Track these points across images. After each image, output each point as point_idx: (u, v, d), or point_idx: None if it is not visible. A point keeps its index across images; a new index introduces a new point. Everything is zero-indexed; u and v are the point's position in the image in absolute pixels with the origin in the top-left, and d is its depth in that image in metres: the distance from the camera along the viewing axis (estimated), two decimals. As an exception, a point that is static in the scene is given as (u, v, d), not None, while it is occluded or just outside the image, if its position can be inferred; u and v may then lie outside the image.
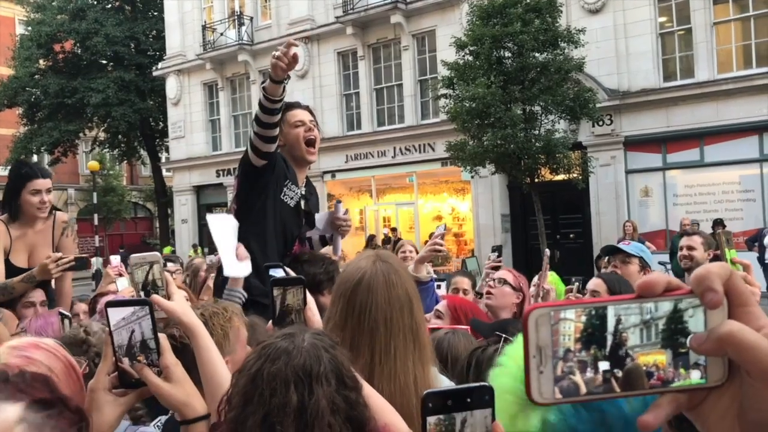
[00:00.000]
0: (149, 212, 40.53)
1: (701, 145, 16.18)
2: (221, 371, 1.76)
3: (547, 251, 3.76)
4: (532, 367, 0.65)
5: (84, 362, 1.83)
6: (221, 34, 24.05)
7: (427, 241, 13.65)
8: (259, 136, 3.29)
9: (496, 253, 4.32)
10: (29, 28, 29.03)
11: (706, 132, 15.89)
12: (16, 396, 0.87)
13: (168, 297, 1.79)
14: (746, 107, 15.25)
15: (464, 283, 4.48)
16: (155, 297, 1.74)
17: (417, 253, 5.50)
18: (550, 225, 16.49)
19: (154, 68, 27.94)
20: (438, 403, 0.73)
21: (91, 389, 1.48)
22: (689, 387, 0.65)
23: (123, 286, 4.41)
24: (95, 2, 29.29)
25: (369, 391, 1.50)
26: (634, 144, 16.89)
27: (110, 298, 4.22)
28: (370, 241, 18.85)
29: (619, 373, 0.65)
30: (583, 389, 0.65)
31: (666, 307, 0.65)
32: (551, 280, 3.92)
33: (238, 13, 23.89)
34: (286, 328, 1.53)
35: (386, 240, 18.54)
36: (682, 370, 0.65)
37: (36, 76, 28.83)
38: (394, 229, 20.04)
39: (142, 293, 1.79)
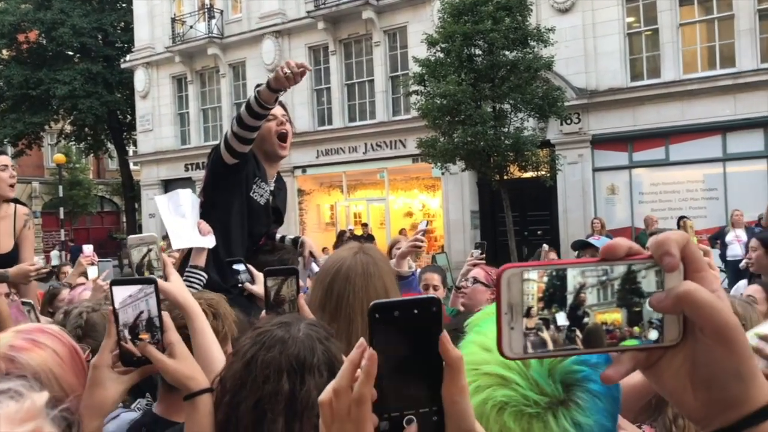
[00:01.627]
0: (116, 206, 39.95)
1: (666, 144, 16.47)
2: (216, 354, 1.76)
3: (545, 246, 3.82)
4: (503, 323, 0.70)
5: (88, 348, 1.84)
6: (191, 27, 23.79)
7: (393, 237, 13.56)
8: (237, 137, 3.27)
9: (479, 250, 4.34)
10: (-8, 17, 28.43)
11: (672, 131, 16.19)
12: None
13: (165, 278, 1.80)
14: (710, 107, 15.57)
15: (434, 279, 4.52)
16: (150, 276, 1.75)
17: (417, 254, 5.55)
18: (518, 221, 16.66)
19: (122, 60, 27.52)
20: (385, 313, 0.74)
21: (94, 366, 1.49)
22: (647, 346, 0.71)
23: (93, 275, 4.40)
24: (61, -8, 28.76)
25: None
26: (601, 142, 17.13)
27: (78, 290, 4.20)
28: (341, 236, 18.82)
29: (580, 331, 0.70)
30: (550, 345, 0.70)
31: (621, 269, 0.71)
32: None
33: (209, 6, 23.67)
34: (282, 317, 1.54)
35: (355, 237, 18.52)
36: (636, 328, 0.71)
37: (-1, 67, 28.26)
38: (365, 225, 20.04)
39: (137, 274, 1.79)
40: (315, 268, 3.72)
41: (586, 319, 0.70)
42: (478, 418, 0.88)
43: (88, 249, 4.92)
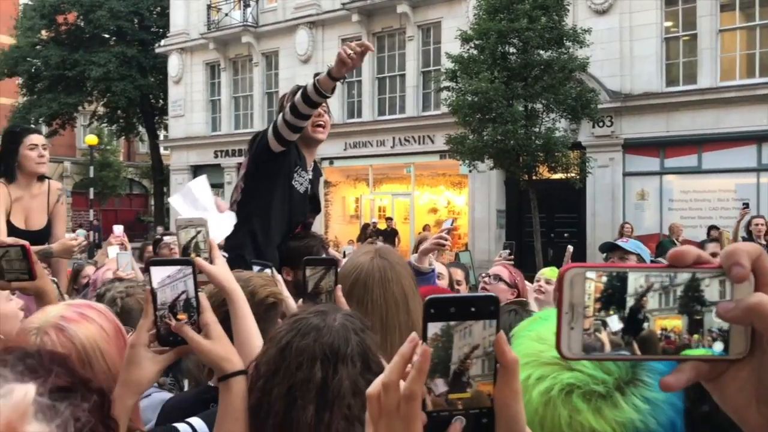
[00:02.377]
0: (145, 189, 40.43)
1: (699, 152, 16.23)
2: (255, 340, 1.76)
3: (570, 247, 3.79)
4: (563, 323, 0.69)
5: (131, 330, 1.87)
6: (226, 15, 23.93)
7: (420, 233, 13.55)
8: (288, 125, 3.26)
9: (508, 250, 4.32)
10: (33, -3, 28.87)
11: (706, 139, 15.94)
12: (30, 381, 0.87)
13: (211, 261, 1.81)
14: (746, 116, 15.30)
15: (458, 274, 4.49)
16: (198, 260, 1.75)
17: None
18: (545, 223, 16.54)
19: (156, 45, 27.80)
20: (441, 310, 0.72)
21: (131, 344, 1.51)
22: (712, 358, 0.69)
23: (113, 255, 4.43)
24: (101, -25, 29.11)
25: None
26: (632, 147, 16.93)
27: (102, 270, 4.25)
28: (365, 229, 18.82)
29: (637, 335, 0.69)
30: (608, 347, 0.69)
31: (684, 276, 0.70)
32: (550, 274, 3.94)
33: (245, -6, 23.80)
34: (319, 306, 1.55)
35: (378, 231, 18.50)
36: (696, 336, 0.70)
37: (37, 47, 28.66)
38: (389, 219, 20.04)
39: (184, 256, 1.81)
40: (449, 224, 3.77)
41: (645, 324, 0.69)
42: (544, 406, 0.87)
43: (118, 229, 4.95)
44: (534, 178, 15.16)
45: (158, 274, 1.51)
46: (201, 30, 24.75)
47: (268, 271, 2.98)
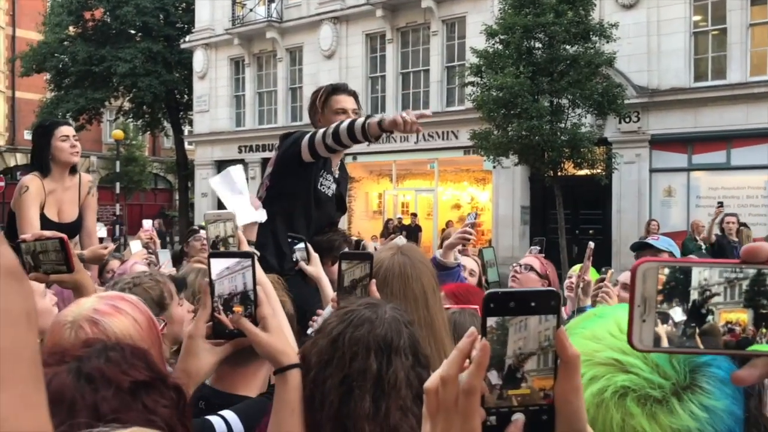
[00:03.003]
0: (169, 184, 40.80)
1: (728, 148, 16.00)
2: (288, 334, 1.76)
3: (591, 244, 3.74)
4: (635, 315, 0.71)
5: (163, 322, 1.88)
6: (251, 10, 24.02)
7: (443, 229, 13.50)
8: (327, 146, 3.29)
9: (538, 247, 4.30)
10: (61, -6, 29.22)
11: (734, 135, 15.71)
12: (119, 378, 0.88)
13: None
14: (777, 112, 15.05)
15: (471, 263, 4.39)
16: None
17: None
18: (570, 219, 16.41)
19: (182, 41, 27.99)
20: (500, 304, 0.72)
21: (189, 335, 1.52)
22: None
23: (136, 249, 4.48)
24: (127, -28, 29.37)
25: None
26: (659, 143, 16.73)
27: (129, 263, 4.29)
28: (388, 225, 18.83)
29: (700, 328, 0.71)
30: (665, 342, 0.71)
31: (750, 270, 0.71)
32: (577, 269, 3.90)
33: (269, -10, 23.88)
34: (367, 298, 1.57)
35: (402, 227, 18.49)
36: (763, 329, 0.70)
37: (65, 43, 29.00)
38: (414, 215, 20.02)
39: (212, 250, 1.82)
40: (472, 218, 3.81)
41: (709, 317, 0.70)
42: (596, 408, 0.85)
43: (147, 224, 4.99)
44: (559, 174, 15.05)
45: (217, 265, 1.52)
46: (225, 26, 24.88)
47: (302, 245, 3.02)
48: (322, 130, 3.32)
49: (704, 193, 16.45)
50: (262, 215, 3.03)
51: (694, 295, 0.70)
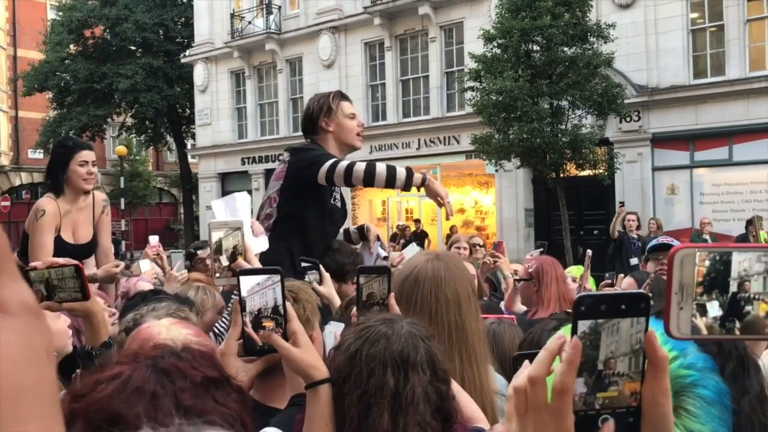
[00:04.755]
0: (174, 198, 40.87)
1: (730, 144, 15.98)
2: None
3: (589, 252, 3.78)
4: (673, 303, 0.70)
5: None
6: (249, 23, 24.14)
7: (449, 235, 13.48)
8: (347, 181, 3.27)
9: (541, 249, 4.33)
10: (60, 13, 29.39)
11: (736, 130, 15.70)
12: (191, 373, 0.93)
13: (247, 263, 1.87)
14: (778, 106, 15.05)
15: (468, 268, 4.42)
16: (241, 261, 1.78)
17: (470, 250, 5.60)
18: (574, 221, 16.41)
19: (182, 55, 28.13)
20: (591, 307, 0.72)
21: (221, 353, 1.53)
22: None
23: (145, 269, 4.45)
24: (125, -11, 29.55)
25: (454, 386, 1.54)
26: (661, 141, 16.73)
27: (134, 280, 4.32)
28: (395, 239, 18.51)
29: (740, 319, 0.70)
30: (713, 329, 0.70)
31: None
32: (576, 273, 3.93)
33: (267, 2, 23.95)
34: (385, 314, 1.57)
35: (420, 233, 18.40)
36: None
37: (66, 61, 29.16)
38: (417, 221, 20.03)
39: (222, 258, 1.84)
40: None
41: (748, 307, 0.70)
42: None
43: (153, 240, 4.95)
44: (561, 175, 15.05)
45: (247, 282, 1.53)
46: (225, 39, 25.00)
47: (314, 268, 3.03)
48: (345, 163, 3.27)
49: (708, 189, 16.43)
50: (263, 244, 3.03)
51: (734, 285, 0.70)
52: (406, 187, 3.22)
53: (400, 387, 1.34)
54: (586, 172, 15.72)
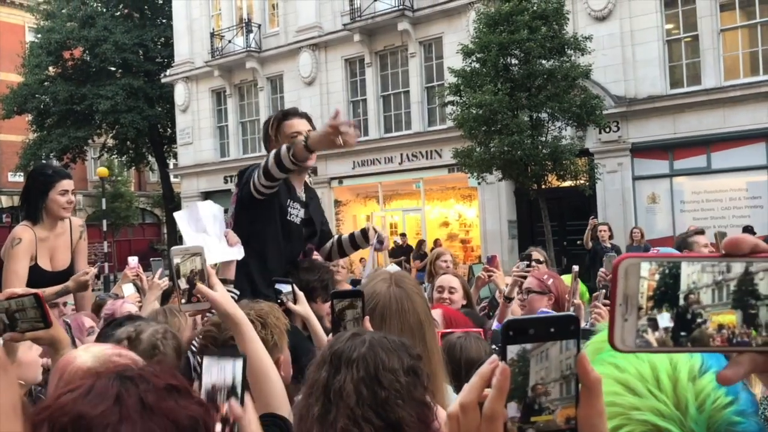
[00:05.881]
0: (157, 218, 40.63)
1: (708, 152, 16.18)
2: (267, 363, 1.79)
3: (575, 267, 3.76)
4: (617, 315, 0.69)
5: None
6: (229, 42, 24.17)
7: (432, 248, 13.50)
8: (264, 186, 3.18)
9: (526, 262, 4.28)
10: (39, 35, 29.24)
11: (713, 139, 15.89)
12: (155, 380, 0.94)
13: (210, 287, 1.84)
14: (753, 114, 15.26)
15: (452, 281, 4.35)
16: (200, 286, 1.78)
17: (454, 264, 5.61)
18: (557, 231, 16.49)
19: (162, 75, 28.09)
20: (519, 331, 0.71)
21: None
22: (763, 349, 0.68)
23: (129, 293, 4.40)
24: (104, 10, 29.47)
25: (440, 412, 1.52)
26: (640, 151, 16.90)
27: (119, 302, 4.28)
28: (420, 246, 18.21)
29: (689, 333, 0.69)
30: (655, 344, 0.69)
31: (737, 269, 0.69)
32: (567, 280, 3.90)
33: (246, 21, 24.02)
34: (358, 329, 1.65)
35: (401, 250, 18.28)
36: (753, 332, 0.69)
37: (45, 83, 29.01)
38: (403, 235, 19.99)
39: (181, 282, 1.84)
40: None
41: (698, 320, 0.69)
42: None
43: (133, 261, 4.90)
44: (543, 187, 15.15)
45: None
46: (205, 58, 25.00)
47: (289, 287, 3.00)
48: (260, 166, 3.18)
49: (688, 197, 16.59)
50: (237, 252, 2.98)
51: (681, 297, 0.69)
52: (295, 157, 3.00)
53: (329, 380, 1.42)
54: (568, 183, 15.83)
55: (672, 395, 0.84)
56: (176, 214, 3.03)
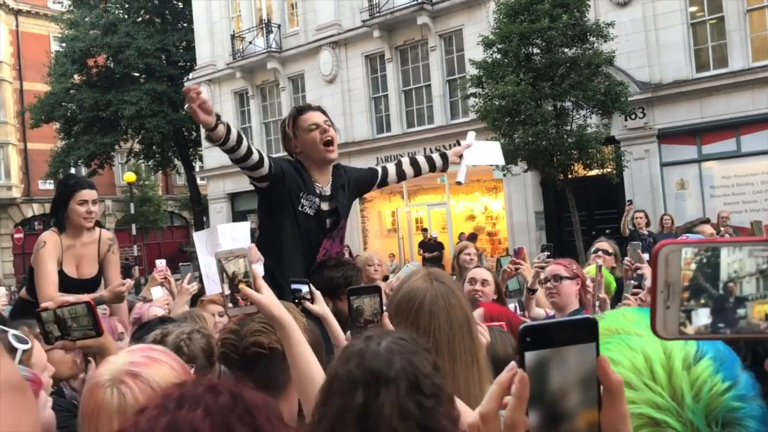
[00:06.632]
0: (185, 221, 41.05)
1: (737, 135, 15.89)
2: (314, 367, 1.76)
3: (600, 261, 3.77)
4: (659, 302, 0.68)
5: (191, 367, 1.87)
6: (250, 43, 24.30)
7: (457, 242, 13.46)
8: (241, 168, 3.31)
9: (547, 252, 4.30)
10: (63, 44, 29.66)
11: (742, 122, 15.61)
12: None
13: (256, 290, 1.83)
14: (783, 95, 14.97)
15: (483, 273, 4.37)
16: (246, 289, 1.77)
17: (479, 258, 5.62)
18: (585, 221, 16.33)
19: (185, 79, 28.32)
20: (537, 337, 0.69)
21: None
22: None
23: (157, 296, 4.43)
24: (126, 16, 29.79)
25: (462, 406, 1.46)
26: (668, 136, 16.65)
27: (146, 306, 4.32)
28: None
29: (735, 317, 0.67)
30: (700, 330, 0.67)
31: None
32: (593, 272, 3.85)
33: (266, 21, 24.12)
34: (369, 331, 1.53)
35: (430, 244, 18.25)
36: None
37: (71, 91, 29.44)
38: (425, 230, 19.97)
39: (225, 286, 1.85)
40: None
41: (741, 310, 0.67)
42: None
43: (161, 264, 4.93)
44: (570, 176, 15.00)
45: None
46: (227, 60, 25.16)
47: (306, 288, 2.98)
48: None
49: (718, 182, 16.32)
50: (258, 268, 2.98)
51: (722, 283, 0.67)
52: (220, 145, 3.29)
53: (370, 404, 1.28)
54: (594, 172, 15.66)
55: (667, 386, 0.83)
56: (195, 235, 3.07)
